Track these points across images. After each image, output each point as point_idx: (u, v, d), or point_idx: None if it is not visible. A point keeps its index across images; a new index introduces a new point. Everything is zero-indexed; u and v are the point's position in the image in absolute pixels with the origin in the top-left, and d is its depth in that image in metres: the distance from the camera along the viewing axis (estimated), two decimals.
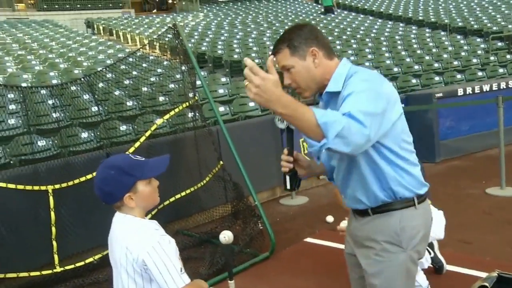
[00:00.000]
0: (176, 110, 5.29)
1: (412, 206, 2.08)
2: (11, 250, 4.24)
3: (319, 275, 4.04)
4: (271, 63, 1.74)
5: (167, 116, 5.28)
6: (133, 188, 1.91)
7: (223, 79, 9.96)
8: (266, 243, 4.68)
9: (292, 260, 4.53)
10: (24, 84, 8.72)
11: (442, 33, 15.52)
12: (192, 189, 5.34)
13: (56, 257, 4.34)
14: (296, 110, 1.70)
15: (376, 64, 11.62)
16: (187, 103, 5.26)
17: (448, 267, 3.91)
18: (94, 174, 4.60)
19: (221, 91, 8.91)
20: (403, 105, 7.25)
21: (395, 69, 11.13)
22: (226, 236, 2.91)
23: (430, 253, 3.76)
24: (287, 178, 2.13)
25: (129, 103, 7.61)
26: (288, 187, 2.14)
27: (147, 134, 5.10)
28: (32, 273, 4.27)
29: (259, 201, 4.75)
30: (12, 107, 6.95)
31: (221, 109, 7.72)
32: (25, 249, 4.26)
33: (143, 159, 1.99)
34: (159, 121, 5.30)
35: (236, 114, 7.73)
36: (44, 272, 4.29)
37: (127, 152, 4.71)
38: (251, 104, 7.96)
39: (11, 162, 5.19)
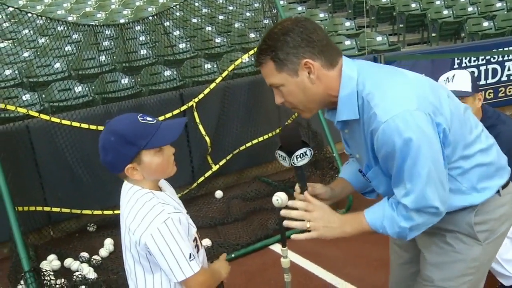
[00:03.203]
0: (256, 49, 4.89)
1: (495, 193, 1.60)
2: (87, 189, 4.30)
3: None
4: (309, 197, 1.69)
5: (245, 56, 4.92)
6: (136, 159, 1.59)
7: (322, 15, 9.27)
8: (343, 199, 4.26)
9: None
10: (122, 20, 8.83)
11: None
12: (270, 134, 5.03)
13: None
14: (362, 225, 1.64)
15: None
16: None
17: None
18: (166, 116, 4.43)
19: None
20: None
21: None
22: (279, 199, 2.54)
23: None
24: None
25: (218, 40, 7.34)
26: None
27: (224, 74, 4.82)
28: (105, 212, 4.33)
29: (337, 152, 4.32)
30: (106, 43, 7.02)
31: None
32: (99, 189, 4.29)
33: (154, 121, 1.63)
34: (237, 61, 4.96)
35: None
36: (116, 212, 4.31)
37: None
38: (347, 42, 7.30)
39: (95, 99, 5.24)
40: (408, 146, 1.42)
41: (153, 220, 1.54)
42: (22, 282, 3.31)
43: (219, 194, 4.89)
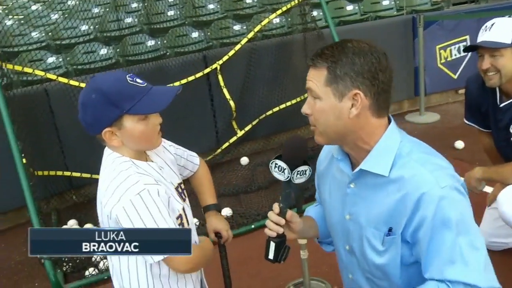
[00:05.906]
0: (284, 8, 4.62)
1: None
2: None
3: None
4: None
5: (272, 16, 4.66)
6: (117, 123, 1.43)
7: None
8: None
9: None
10: None
11: None
12: (298, 99, 4.78)
13: None
14: None
15: None
16: (296, 1, 4.55)
17: None
18: (189, 79, 4.23)
19: None
20: None
21: None
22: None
23: None
24: (272, 245, 1.51)
25: (248, 0, 7.02)
26: (271, 257, 1.51)
27: (250, 35, 4.58)
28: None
29: None
30: (134, 5, 6.85)
31: (349, 7, 6.78)
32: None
33: (144, 85, 1.46)
34: (264, 21, 4.69)
35: (366, 13, 6.73)
36: None
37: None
38: (385, 2, 6.85)
39: (118, 62, 5.12)
40: (454, 224, 1.30)
41: (126, 191, 1.39)
42: None
43: (244, 160, 4.73)
